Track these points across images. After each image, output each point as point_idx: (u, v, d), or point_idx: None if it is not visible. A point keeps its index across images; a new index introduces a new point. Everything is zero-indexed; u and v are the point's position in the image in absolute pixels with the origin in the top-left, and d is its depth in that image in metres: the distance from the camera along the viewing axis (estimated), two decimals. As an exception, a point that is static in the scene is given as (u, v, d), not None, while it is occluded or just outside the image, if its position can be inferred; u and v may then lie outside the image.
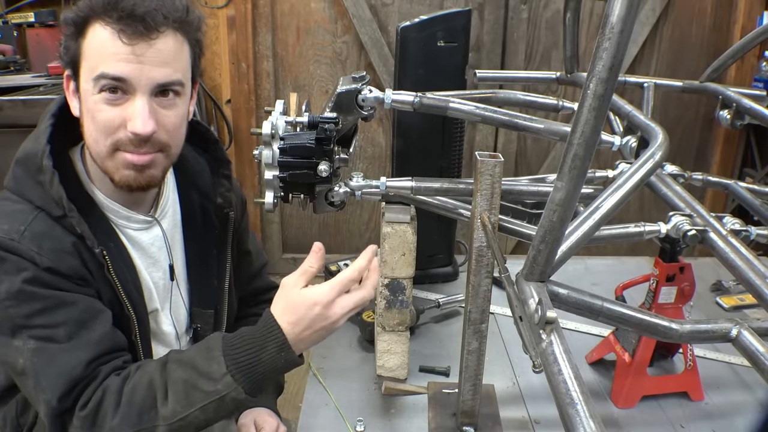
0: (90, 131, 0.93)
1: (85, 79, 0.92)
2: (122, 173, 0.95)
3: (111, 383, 0.89)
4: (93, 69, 0.90)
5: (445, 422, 1.14)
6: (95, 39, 0.90)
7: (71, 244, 0.92)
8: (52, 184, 0.91)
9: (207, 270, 1.15)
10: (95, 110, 0.91)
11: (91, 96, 0.91)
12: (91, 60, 0.90)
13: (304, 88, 2.99)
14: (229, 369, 0.87)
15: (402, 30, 1.42)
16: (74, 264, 0.92)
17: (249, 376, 0.88)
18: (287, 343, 0.88)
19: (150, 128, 0.91)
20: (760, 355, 0.80)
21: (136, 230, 1.04)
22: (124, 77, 0.89)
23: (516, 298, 0.80)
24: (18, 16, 2.58)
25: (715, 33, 2.95)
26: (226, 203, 1.13)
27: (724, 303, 1.61)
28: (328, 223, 3.22)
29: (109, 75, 0.89)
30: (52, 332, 0.89)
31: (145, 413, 0.87)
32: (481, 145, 3.03)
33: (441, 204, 1.17)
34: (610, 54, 0.62)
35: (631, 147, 1.23)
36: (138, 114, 0.90)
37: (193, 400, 0.87)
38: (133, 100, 0.91)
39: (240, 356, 0.88)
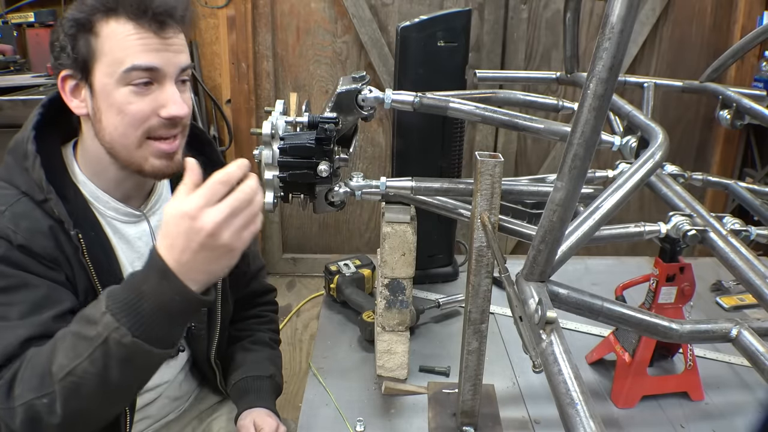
0: (115, 125, 0.95)
1: (104, 75, 0.94)
2: (153, 163, 0.99)
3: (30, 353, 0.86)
4: (118, 64, 0.92)
5: (445, 422, 1.14)
6: (115, 34, 0.92)
7: (48, 227, 0.94)
8: (34, 167, 0.94)
9: None
10: (124, 103, 0.94)
11: (115, 90, 0.94)
12: (114, 55, 0.93)
13: (304, 88, 2.99)
14: (109, 307, 0.79)
15: (402, 30, 1.42)
16: (47, 245, 0.93)
17: (132, 313, 0.79)
18: (168, 269, 0.79)
19: (186, 110, 0.97)
20: (760, 355, 0.80)
21: (124, 223, 1.06)
22: (157, 66, 0.94)
23: (516, 298, 0.80)
24: (18, 16, 2.59)
25: (715, 33, 2.96)
26: None
27: (724, 303, 1.61)
28: (328, 223, 3.23)
29: (142, 66, 0.93)
30: (5, 309, 0.89)
31: (45, 377, 0.82)
32: (481, 145, 3.03)
33: (441, 204, 1.17)
34: (610, 54, 0.62)
35: (631, 147, 1.23)
36: (173, 99, 0.96)
37: (78, 351, 0.80)
38: (162, 87, 0.95)
39: (121, 293, 0.81)
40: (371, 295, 1.56)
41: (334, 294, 1.56)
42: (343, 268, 1.59)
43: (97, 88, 0.95)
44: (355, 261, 1.62)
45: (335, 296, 1.56)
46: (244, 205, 0.81)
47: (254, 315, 1.37)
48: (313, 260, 3.20)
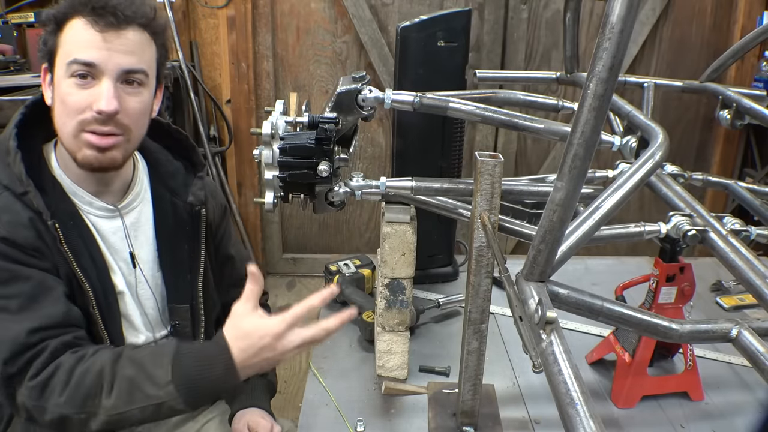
0: (59, 114, 1.02)
1: (59, 67, 1.01)
2: (84, 153, 1.02)
3: (65, 361, 0.93)
4: (66, 56, 0.99)
5: (445, 422, 1.14)
6: (71, 31, 1.00)
7: (28, 219, 0.99)
8: (15, 162, 1.00)
9: (179, 265, 1.20)
10: (66, 94, 0.99)
11: (62, 81, 1.00)
12: (66, 49, 1.00)
13: (304, 88, 2.99)
14: (174, 379, 0.91)
15: (402, 30, 1.42)
16: (29, 236, 0.98)
17: (191, 390, 0.91)
18: (235, 367, 0.91)
19: (113, 107, 1.00)
20: (760, 355, 0.80)
21: (98, 217, 1.10)
22: (94, 62, 0.98)
23: (516, 298, 0.80)
24: (18, 16, 2.58)
25: (715, 33, 2.95)
26: (197, 201, 1.19)
27: (724, 303, 1.61)
28: (328, 223, 3.23)
29: (80, 60, 0.98)
30: (4, 303, 0.95)
31: (90, 399, 0.91)
32: (481, 145, 3.03)
33: (441, 204, 1.17)
34: (610, 54, 0.62)
35: (631, 147, 1.23)
36: (103, 95, 0.99)
37: (134, 399, 0.91)
38: (99, 83, 1.00)
39: (187, 369, 0.92)
40: (371, 295, 1.56)
41: (334, 294, 1.56)
42: (343, 268, 1.59)
43: (55, 80, 1.02)
44: (355, 261, 1.62)
45: (335, 296, 1.56)
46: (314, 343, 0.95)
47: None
48: (313, 260, 3.19)
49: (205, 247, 1.22)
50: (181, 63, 2.77)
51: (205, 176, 1.24)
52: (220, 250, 1.30)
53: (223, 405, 1.30)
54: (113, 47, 0.99)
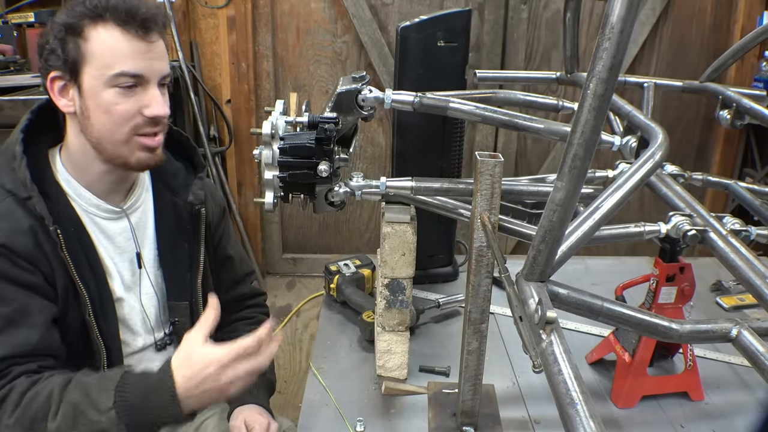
0: (103, 123, 1.03)
1: (92, 77, 1.01)
2: (138, 156, 1.07)
3: (19, 384, 0.94)
4: (107, 68, 1.00)
5: (445, 422, 1.14)
6: (104, 40, 1.00)
7: (28, 227, 1.00)
8: (20, 167, 1.02)
9: (179, 262, 1.22)
10: (111, 104, 1.02)
11: (103, 92, 1.01)
12: (103, 60, 1.00)
13: (304, 88, 3.00)
14: (116, 405, 0.91)
15: (402, 30, 1.42)
16: (27, 243, 1.00)
17: (132, 418, 0.91)
18: (176, 396, 0.92)
19: (167, 110, 1.06)
20: (760, 355, 0.80)
21: (105, 219, 1.12)
22: (143, 73, 1.02)
23: (516, 298, 0.80)
24: (18, 16, 2.58)
25: (715, 33, 2.96)
26: (197, 200, 1.21)
27: (724, 303, 1.61)
28: (328, 223, 3.23)
29: (129, 72, 1.01)
30: None
31: (37, 422, 0.92)
32: (481, 145, 3.04)
33: (441, 204, 1.17)
34: (610, 54, 0.62)
35: (631, 147, 1.23)
36: (157, 101, 1.05)
37: (77, 424, 0.91)
38: (146, 90, 1.04)
39: (129, 395, 0.92)
40: (371, 295, 1.56)
41: (334, 294, 1.56)
42: (343, 268, 1.59)
43: (86, 89, 1.02)
44: (355, 261, 1.62)
45: (335, 296, 1.56)
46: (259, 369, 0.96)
47: (242, 317, 1.39)
48: (313, 260, 3.20)
49: (204, 246, 1.24)
50: (181, 63, 2.77)
51: (205, 177, 1.26)
52: (219, 250, 1.32)
53: (222, 402, 1.30)
54: (153, 55, 1.03)
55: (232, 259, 1.34)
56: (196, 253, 1.23)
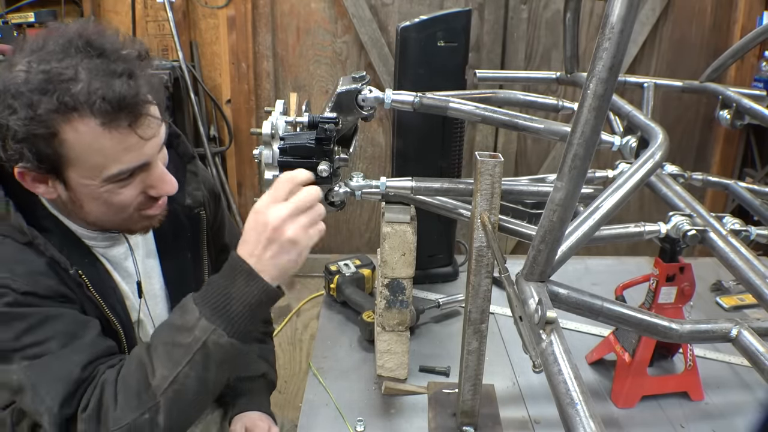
0: (102, 212, 0.92)
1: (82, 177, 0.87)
2: (142, 225, 0.98)
3: (107, 376, 0.85)
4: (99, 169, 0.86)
5: (445, 422, 1.14)
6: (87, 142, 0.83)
7: (45, 264, 0.89)
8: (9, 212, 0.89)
9: (183, 273, 1.13)
10: (111, 196, 0.89)
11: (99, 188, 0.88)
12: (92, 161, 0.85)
13: (304, 88, 2.99)
14: (202, 312, 0.83)
15: (402, 30, 1.42)
16: (51, 284, 0.88)
17: (225, 315, 0.83)
18: (253, 270, 0.84)
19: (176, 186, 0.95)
20: (760, 355, 0.80)
21: (105, 247, 1.02)
22: (142, 162, 0.89)
23: (516, 298, 0.80)
24: (18, 16, 2.58)
25: (715, 33, 2.96)
26: (195, 203, 1.11)
27: (724, 303, 1.61)
28: (328, 223, 3.19)
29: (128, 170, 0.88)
30: (43, 348, 0.85)
31: (143, 393, 0.82)
32: (481, 145, 3.03)
33: (441, 204, 1.17)
34: (610, 54, 0.62)
35: (631, 147, 1.23)
36: (164, 180, 0.93)
37: (177, 358, 0.82)
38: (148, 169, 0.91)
39: (210, 298, 0.84)
40: (371, 295, 1.56)
41: (334, 294, 1.56)
42: (343, 268, 1.58)
43: (75, 186, 0.88)
44: (355, 261, 1.62)
45: (335, 296, 1.56)
46: (306, 204, 0.87)
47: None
48: (313, 260, 3.17)
49: (207, 252, 1.16)
50: (181, 63, 2.77)
51: (197, 166, 1.14)
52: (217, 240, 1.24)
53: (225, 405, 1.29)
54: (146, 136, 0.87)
55: (227, 246, 1.26)
56: (199, 262, 1.15)
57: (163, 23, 2.85)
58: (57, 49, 0.82)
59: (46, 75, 0.80)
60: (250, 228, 0.86)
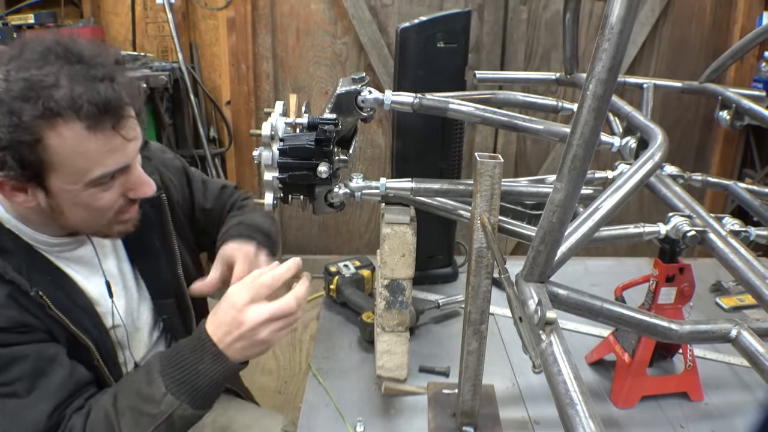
0: (83, 217, 0.94)
1: (65, 183, 0.87)
2: (119, 228, 1.00)
3: (74, 424, 0.89)
4: (82, 173, 0.87)
5: (445, 422, 1.14)
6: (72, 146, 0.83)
7: (5, 296, 0.88)
8: None
9: (155, 261, 1.14)
10: (92, 200, 0.91)
11: (81, 193, 0.89)
12: (75, 165, 0.85)
13: (303, 90, 3.00)
14: (168, 388, 0.88)
15: (401, 31, 1.42)
16: (12, 315, 0.88)
17: (190, 391, 0.89)
18: (221, 352, 0.89)
19: (154, 187, 0.97)
20: (760, 355, 0.80)
21: (72, 250, 1.02)
22: (123, 165, 0.91)
23: (516, 299, 0.80)
24: (18, 17, 2.58)
25: (715, 33, 2.96)
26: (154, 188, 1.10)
27: (724, 303, 1.61)
28: (327, 224, 3.23)
29: (110, 172, 0.90)
30: (10, 389, 0.87)
31: None
32: (481, 146, 3.04)
33: (441, 205, 1.17)
34: (610, 55, 0.62)
35: (631, 148, 1.23)
36: (142, 181, 0.96)
37: (143, 426, 0.88)
38: (128, 171, 0.94)
39: (177, 374, 0.89)
40: (371, 295, 1.56)
41: (333, 295, 1.56)
42: (343, 269, 1.59)
43: (56, 192, 0.88)
44: (355, 262, 1.62)
45: (335, 297, 1.56)
46: (286, 313, 0.91)
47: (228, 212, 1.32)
48: (312, 261, 3.19)
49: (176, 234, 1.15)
50: (181, 64, 2.78)
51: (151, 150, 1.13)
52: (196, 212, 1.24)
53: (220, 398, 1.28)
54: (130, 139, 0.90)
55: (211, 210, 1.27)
56: (169, 244, 1.14)
57: (163, 24, 2.86)
58: (35, 57, 0.82)
59: (26, 82, 0.80)
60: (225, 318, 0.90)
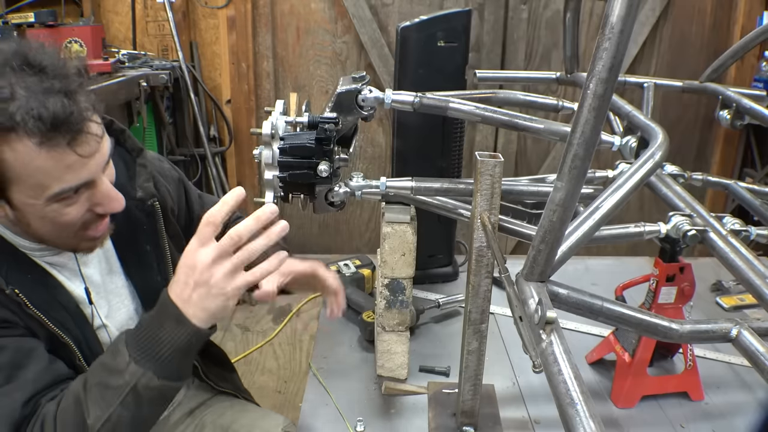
0: (48, 230, 0.91)
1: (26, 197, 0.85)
2: (87, 245, 0.97)
3: (47, 411, 0.87)
4: (41, 189, 0.84)
5: (445, 422, 1.14)
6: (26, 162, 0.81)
7: None
8: None
9: (146, 268, 1.12)
10: (57, 216, 0.88)
11: (44, 208, 0.87)
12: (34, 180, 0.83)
13: (304, 88, 3.00)
14: (132, 356, 0.85)
15: (402, 30, 1.42)
16: None
17: (154, 358, 0.85)
18: (182, 314, 0.85)
19: (123, 202, 0.93)
20: (760, 355, 0.80)
21: (54, 255, 1.00)
22: (86, 180, 0.87)
23: (516, 298, 0.80)
24: (18, 16, 2.58)
25: (715, 33, 2.96)
26: (147, 195, 1.08)
27: (724, 303, 1.61)
28: (328, 223, 3.23)
29: (71, 188, 0.86)
30: None
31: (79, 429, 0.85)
32: (481, 145, 3.03)
33: (441, 204, 1.17)
34: (610, 54, 0.62)
35: (631, 147, 1.23)
36: (110, 197, 0.91)
37: (109, 400, 0.85)
38: (93, 186, 0.89)
39: (141, 341, 0.86)
40: (371, 295, 1.56)
41: (334, 294, 1.56)
42: (343, 268, 1.59)
43: (19, 206, 0.87)
44: (355, 261, 1.62)
45: (335, 296, 1.56)
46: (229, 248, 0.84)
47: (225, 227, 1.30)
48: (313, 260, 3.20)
49: (168, 242, 1.13)
50: (181, 63, 2.77)
51: (147, 158, 1.11)
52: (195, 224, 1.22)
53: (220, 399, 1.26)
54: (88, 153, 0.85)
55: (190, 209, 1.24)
56: (161, 252, 1.12)
57: (163, 23, 2.86)
58: None
59: None
60: (180, 273, 0.86)
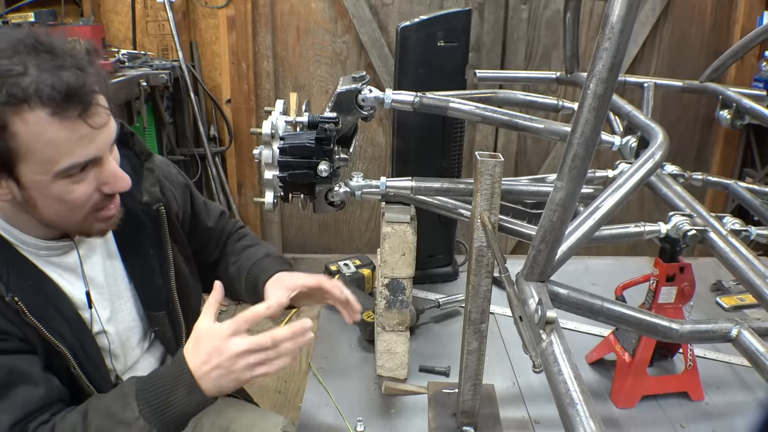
0: (56, 211, 0.92)
1: (34, 173, 0.86)
2: (99, 227, 0.98)
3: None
4: (51, 163, 0.85)
5: (445, 422, 1.14)
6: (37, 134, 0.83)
7: None
8: None
9: (149, 272, 1.12)
10: (64, 193, 0.89)
11: (52, 185, 0.87)
12: (44, 155, 0.84)
13: (304, 88, 3.00)
14: (142, 413, 0.89)
15: (402, 30, 1.42)
16: None
17: (162, 418, 0.90)
18: (196, 384, 0.91)
19: (129, 181, 0.95)
20: (760, 355, 0.80)
21: (60, 255, 1.01)
22: (94, 156, 0.89)
23: (516, 298, 0.80)
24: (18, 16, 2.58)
25: (715, 33, 2.96)
26: (153, 200, 1.08)
27: (724, 303, 1.61)
28: (328, 223, 3.23)
29: (80, 163, 0.87)
30: None
31: None
32: (481, 145, 3.04)
33: (441, 204, 1.17)
34: (610, 54, 0.62)
35: (631, 147, 1.23)
36: (116, 175, 0.93)
37: None
38: (101, 166, 0.91)
39: (151, 398, 0.91)
40: (371, 294, 1.56)
41: (334, 294, 1.56)
42: (343, 268, 1.59)
43: (27, 183, 0.87)
44: (355, 261, 1.62)
45: (335, 296, 1.56)
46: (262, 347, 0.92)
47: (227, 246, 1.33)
48: (313, 260, 3.20)
49: (172, 246, 1.14)
50: (181, 63, 2.78)
51: (155, 163, 1.12)
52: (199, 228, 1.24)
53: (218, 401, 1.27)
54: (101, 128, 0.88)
55: (212, 229, 1.27)
56: (164, 256, 1.12)
57: (163, 23, 2.86)
58: (5, 47, 0.83)
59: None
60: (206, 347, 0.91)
